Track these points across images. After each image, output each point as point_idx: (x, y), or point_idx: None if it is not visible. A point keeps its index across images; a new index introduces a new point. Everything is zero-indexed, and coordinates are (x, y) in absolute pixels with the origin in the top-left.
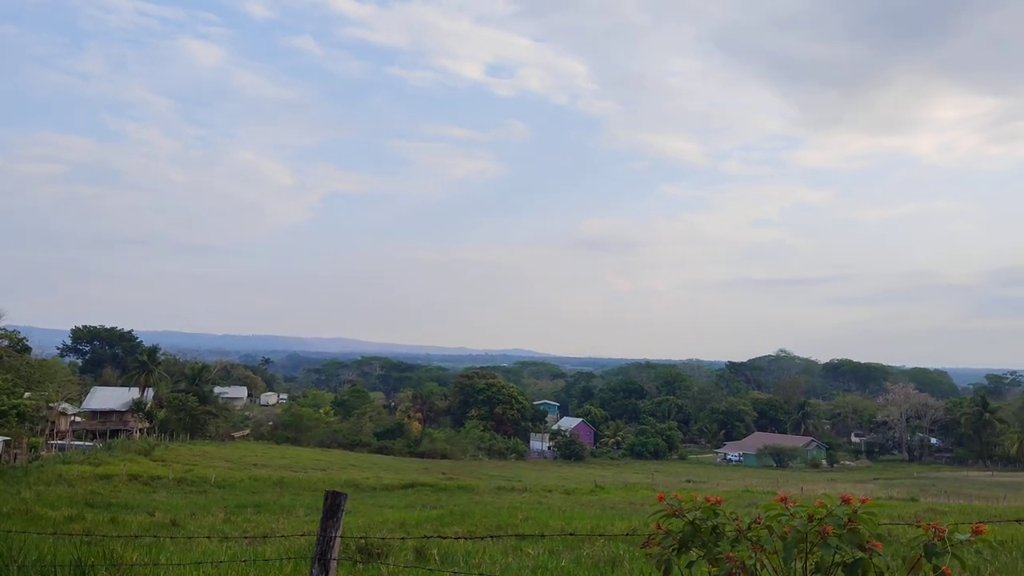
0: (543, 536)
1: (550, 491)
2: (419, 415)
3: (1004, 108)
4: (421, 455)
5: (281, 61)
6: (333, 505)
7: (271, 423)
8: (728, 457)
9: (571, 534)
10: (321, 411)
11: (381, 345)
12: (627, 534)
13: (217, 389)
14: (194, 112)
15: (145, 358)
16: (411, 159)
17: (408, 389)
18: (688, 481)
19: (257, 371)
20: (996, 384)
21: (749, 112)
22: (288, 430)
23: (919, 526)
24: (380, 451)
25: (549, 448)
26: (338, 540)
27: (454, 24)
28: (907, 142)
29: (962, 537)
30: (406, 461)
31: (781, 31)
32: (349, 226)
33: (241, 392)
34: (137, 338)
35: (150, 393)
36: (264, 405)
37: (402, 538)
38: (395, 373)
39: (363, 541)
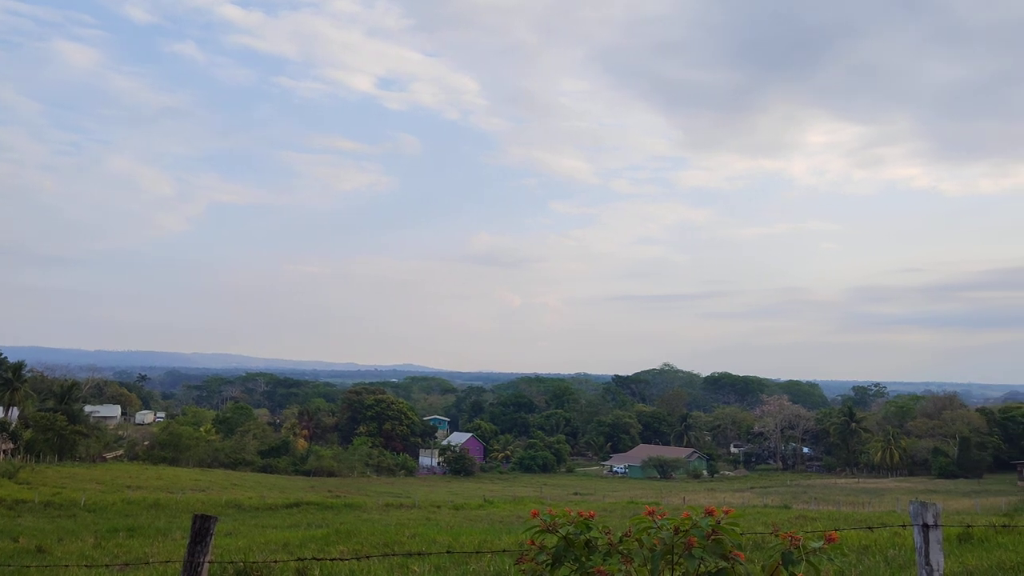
0: (430, 553)
1: (439, 507)
2: (305, 432)
3: (868, 135)
4: (307, 473)
5: (162, 66)
6: (202, 529)
7: (147, 442)
8: (614, 469)
9: (448, 552)
10: (201, 429)
11: (266, 361)
12: (504, 550)
13: (88, 407)
14: (66, 117)
15: (9, 375)
16: (299, 171)
17: (294, 406)
18: (576, 494)
19: (132, 388)
20: (862, 395)
21: (636, 132)
22: (165, 450)
23: (777, 535)
24: (264, 470)
25: (439, 464)
26: (207, 566)
27: (344, 35)
28: (783, 165)
29: (815, 545)
30: (291, 479)
31: (663, 56)
32: (234, 238)
33: (114, 411)
34: (1, 354)
35: (15, 412)
36: (140, 424)
37: (275, 562)
38: (281, 389)
39: (242, 564)
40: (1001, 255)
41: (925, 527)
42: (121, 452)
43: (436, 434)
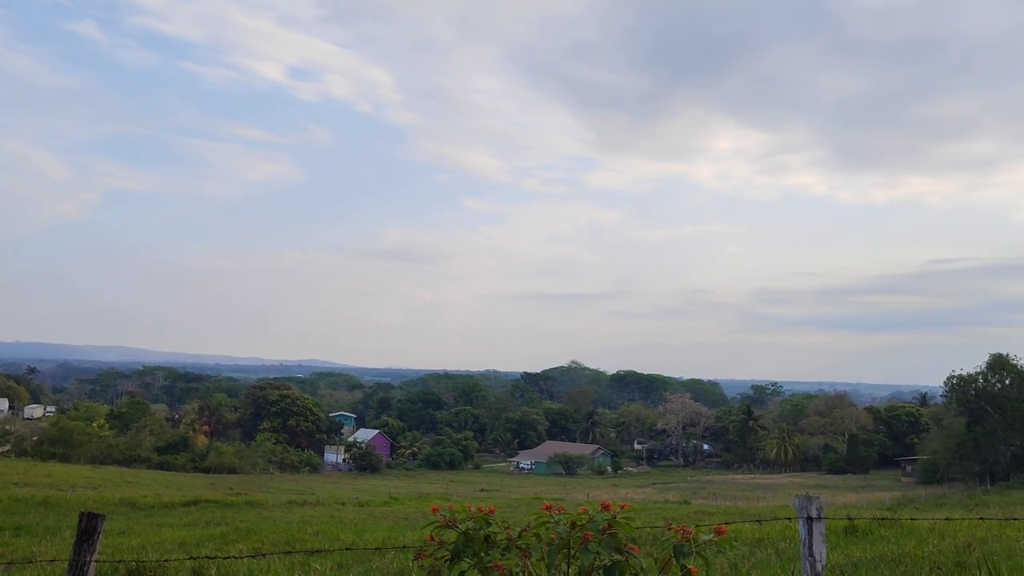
0: (332, 551)
1: (343, 504)
2: (206, 428)
3: (771, 143)
4: (207, 470)
5: (60, 46)
6: (88, 527)
7: (36, 438)
8: (521, 465)
9: (350, 549)
10: (94, 424)
11: (166, 354)
12: (406, 547)
13: None
14: None
15: None
16: (205, 159)
17: (195, 401)
18: (482, 490)
19: (21, 381)
20: (760, 394)
21: (549, 133)
22: (55, 445)
23: (670, 528)
24: (161, 467)
25: (344, 460)
26: (94, 565)
27: (255, 22)
28: (689, 169)
29: (706, 538)
30: (190, 477)
31: (577, 58)
32: (133, 226)
33: (1, 404)
34: None
35: None
36: (28, 418)
37: (169, 561)
38: (181, 384)
39: (134, 564)
40: (889, 262)
41: (809, 520)
42: (8, 447)
43: (342, 430)
